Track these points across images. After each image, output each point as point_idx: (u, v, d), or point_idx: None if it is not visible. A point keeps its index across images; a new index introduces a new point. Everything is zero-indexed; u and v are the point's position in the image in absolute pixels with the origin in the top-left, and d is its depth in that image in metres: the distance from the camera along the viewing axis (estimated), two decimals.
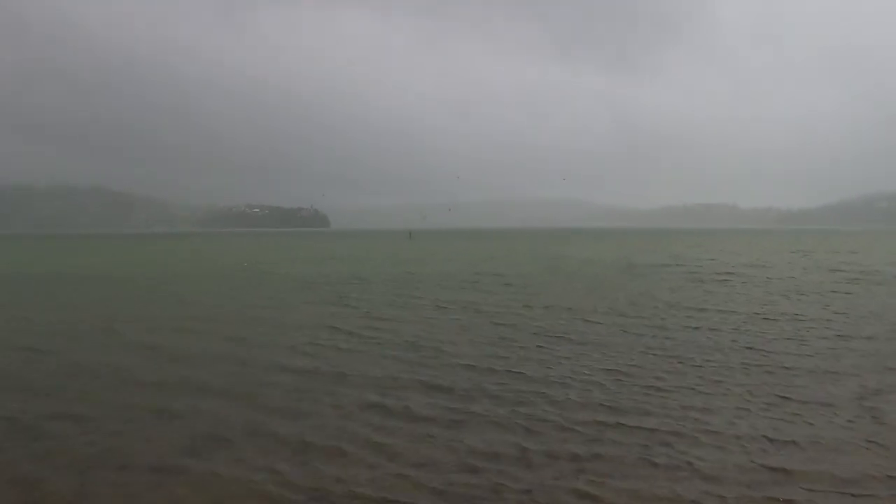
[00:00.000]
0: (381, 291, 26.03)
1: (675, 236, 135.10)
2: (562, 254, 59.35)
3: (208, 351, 13.75)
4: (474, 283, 29.51)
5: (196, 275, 37.15)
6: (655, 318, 17.66)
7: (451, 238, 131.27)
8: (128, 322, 17.91)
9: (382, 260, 51.19)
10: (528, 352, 13.45)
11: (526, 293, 24.69)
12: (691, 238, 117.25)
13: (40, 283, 31.65)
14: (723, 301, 21.49)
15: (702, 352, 13.22)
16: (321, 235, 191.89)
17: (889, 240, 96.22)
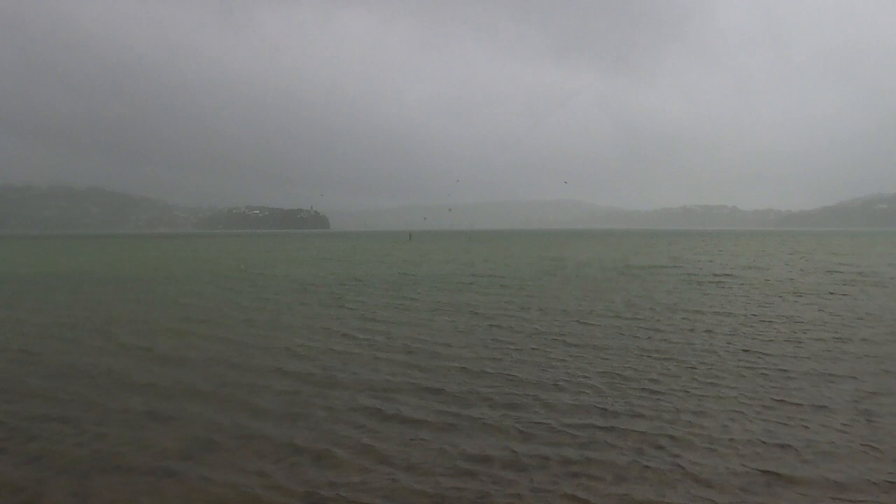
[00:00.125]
0: (377, 293, 25.94)
1: (675, 238, 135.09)
2: (560, 255, 59.24)
3: (202, 354, 13.67)
4: (471, 284, 29.44)
5: (193, 276, 37.01)
6: (652, 320, 17.60)
7: (450, 239, 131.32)
8: (123, 324, 17.83)
9: (380, 261, 51.09)
10: (523, 354, 13.39)
11: (522, 295, 24.62)
12: (690, 240, 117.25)
13: (37, 285, 31.50)
14: (719, 303, 21.43)
15: (697, 354, 13.18)
16: (320, 237, 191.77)
17: (888, 241, 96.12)
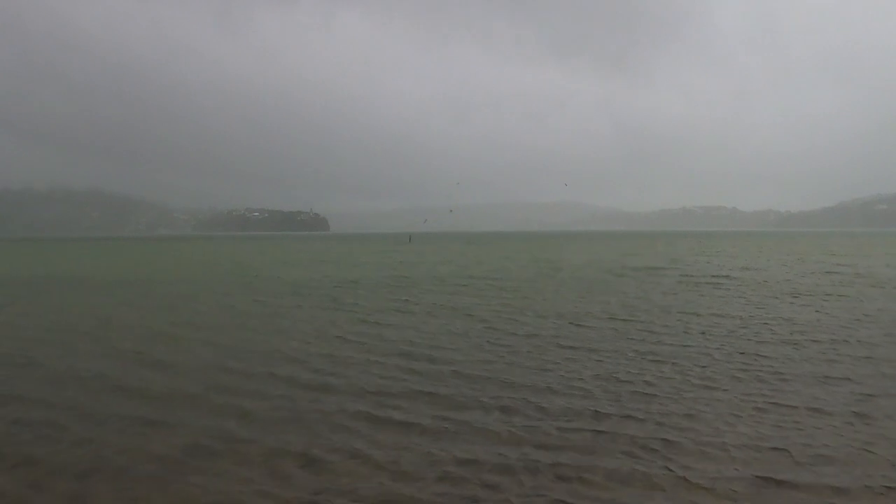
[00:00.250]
0: (373, 296, 25.84)
1: (674, 239, 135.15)
2: (558, 257, 59.19)
3: (194, 358, 13.53)
4: (467, 286, 29.35)
5: (190, 279, 36.91)
6: (647, 322, 17.49)
7: (449, 241, 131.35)
8: (116, 328, 17.72)
9: (378, 263, 51.02)
10: (517, 357, 13.27)
11: (518, 297, 24.52)
12: (689, 241, 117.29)
13: (35, 288, 31.45)
14: (716, 305, 21.32)
15: (692, 357, 13.06)
16: (319, 239, 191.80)
17: (887, 242, 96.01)
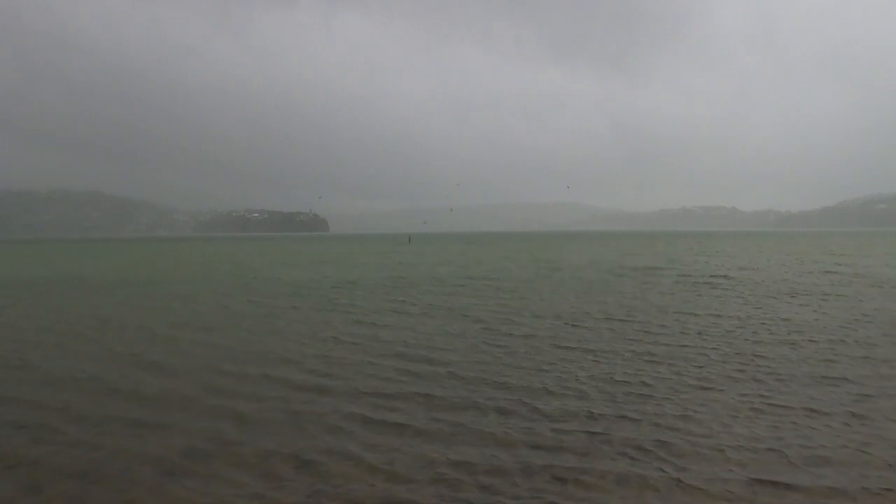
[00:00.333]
0: (370, 296, 25.79)
1: (673, 239, 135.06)
2: (557, 257, 59.14)
3: (191, 360, 13.45)
4: (466, 287, 29.28)
5: (187, 280, 36.90)
6: (644, 323, 17.43)
7: (449, 242, 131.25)
8: (113, 330, 17.65)
9: (377, 264, 50.95)
10: (513, 358, 13.20)
11: (515, 297, 24.46)
12: (689, 241, 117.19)
13: (33, 289, 31.45)
14: (713, 305, 21.26)
15: (690, 357, 13.00)
16: (319, 240, 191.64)
17: (886, 242, 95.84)
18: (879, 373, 11.53)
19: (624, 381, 11.09)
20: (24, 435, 8.82)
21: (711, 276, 33.40)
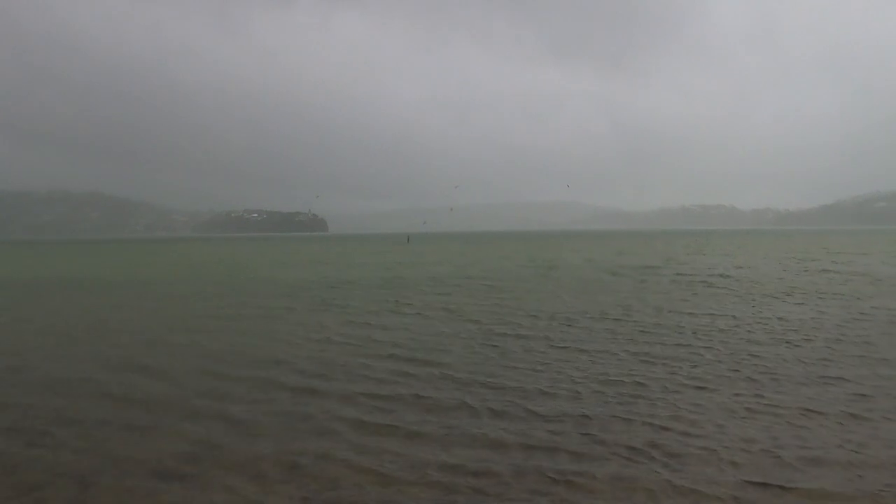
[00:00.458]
0: (365, 297, 25.73)
1: (672, 238, 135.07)
2: (554, 256, 59.12)
3: (185, 363, 13.34)
4: (463, 287, 29.23)
5: (186, 280, 37.00)
6: (640, 322, 17.36)
7: (448, 241, 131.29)
8: (109, 332, 17.54)
9: (375, 264, 50.91)
10: (509, 359, 13.11)
11: (512, 297, 24.40)
12: (687, 239, 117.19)
13: (30, 291, 31.47)
14: (710, 304, 21.18)
15: (685, 357, 12.92)
16: (318, 240, 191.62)
17: (884, 240, 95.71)
18: (877, 372, 11.45)
19: (618, 381, 11.02)
20: (17, 438, 8.75)
21: (708, 275, 33.35)
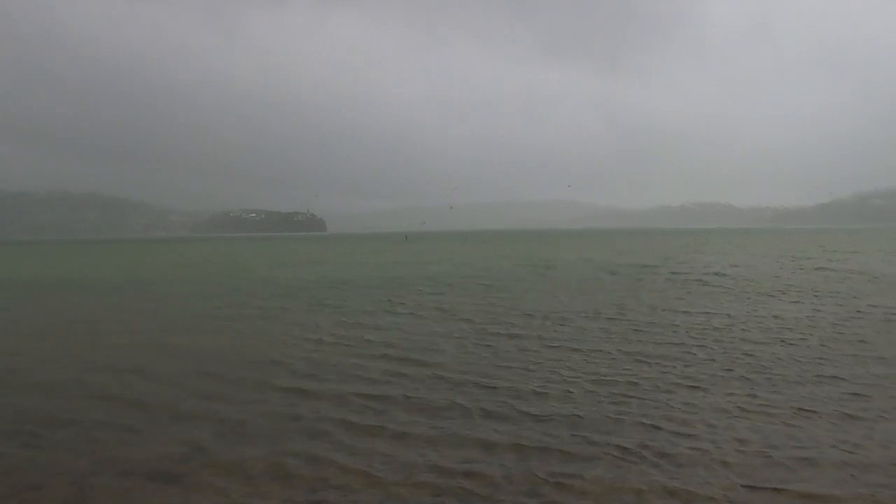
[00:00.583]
0: (360, 296, 25.66)
1: (669, 236, 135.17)
2: (550, 255, 59.12)
3: (177, 365, 13.18)
4: (459, 286, 29.16)
5: (181, 281, 37.02)
6: (634, 321, 17.27)
7: (446, 240, 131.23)
8: (103, 334, 17.42)
9: (372, 264, 50.86)
10: (502, 359, 13.00)
11: (507, 296, 24.30)
12: (684, 238, 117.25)
13: (28, 291, 31.54)
14: (705, 303, 21.08)
15: (679, 356, 12.81)
16: (316, 239, 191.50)
17: (881, 238, 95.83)
18: (872, 371, 11.35)
19: (611, 381, 10.93)
20: (14, 441, 8.72)
21: (703, 273, 33.28)
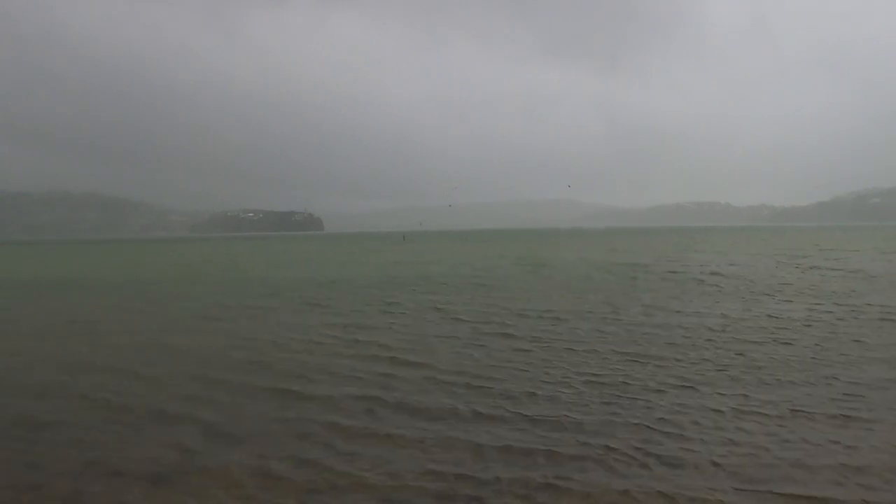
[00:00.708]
0: (353, 296, 25.58)
1: (667, 235, 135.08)
2: (547, 254, 59.11)
3: (165, 367, 13.01)
4: (454, 285, 29.07)
5: (177, 280, 37.07)
6: (628, 321, 17.19)
7: (443, 240, 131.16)
8: (96, 335, 17.34)
9: (368, 263, 50.80)
10: (494, 360, 12.88)
11: (502, 296, 24.20)
12: (681, 237, 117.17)
13: (26, 292, 31.56)
14: (700, 302, 20.96)
15: (673, 357, 12.68)
16: (313, 239, 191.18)
17: (879, 236, 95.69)
18: (868, 371, 11.23)
19: (603, 382, 10.83)
20: (12, 442, 8.66)
21: (699, 272, 33.17)
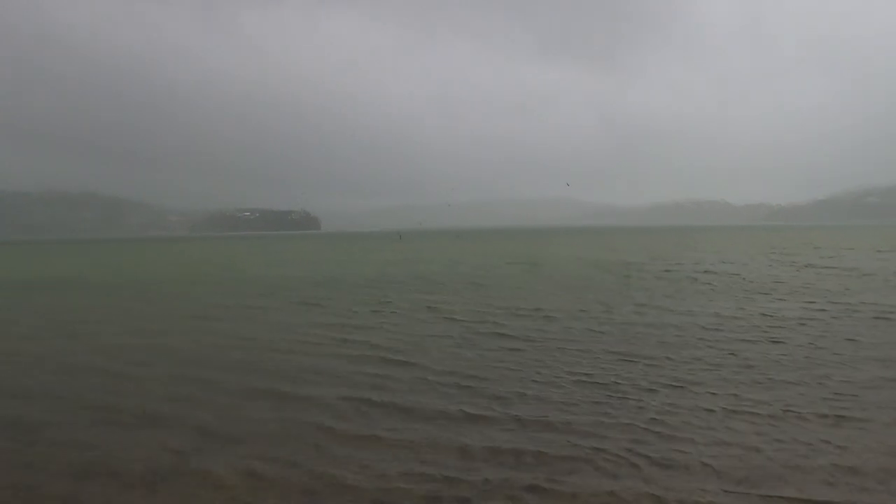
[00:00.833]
0: (346, 295, 25.54)
1: (663, 234, 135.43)
2: (543, 253, 59.15)
3: (157, 368, 12.92)
4: (447, 284, 29.04)
5: (173, 280, 37.09)
6: (621, 320, 17.13)
7: (440, 238, 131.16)
8: (89, 335, 17.25)
9: (363, 262, 50.75)
10: (487, 360, 12.80)
11: (497, 295, 24.14)
12: (678, 235, 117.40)
13: (24, 291, 31.56)
14: (695, 301, 20.93)
15: (666, 356, 12.60)
16: (309, 238, 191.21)
17: (876, 235, 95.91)
18: (862, 371, 11.17)
19: (595, 382, 10.75)
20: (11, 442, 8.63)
21: (694, 270, 33.19)
